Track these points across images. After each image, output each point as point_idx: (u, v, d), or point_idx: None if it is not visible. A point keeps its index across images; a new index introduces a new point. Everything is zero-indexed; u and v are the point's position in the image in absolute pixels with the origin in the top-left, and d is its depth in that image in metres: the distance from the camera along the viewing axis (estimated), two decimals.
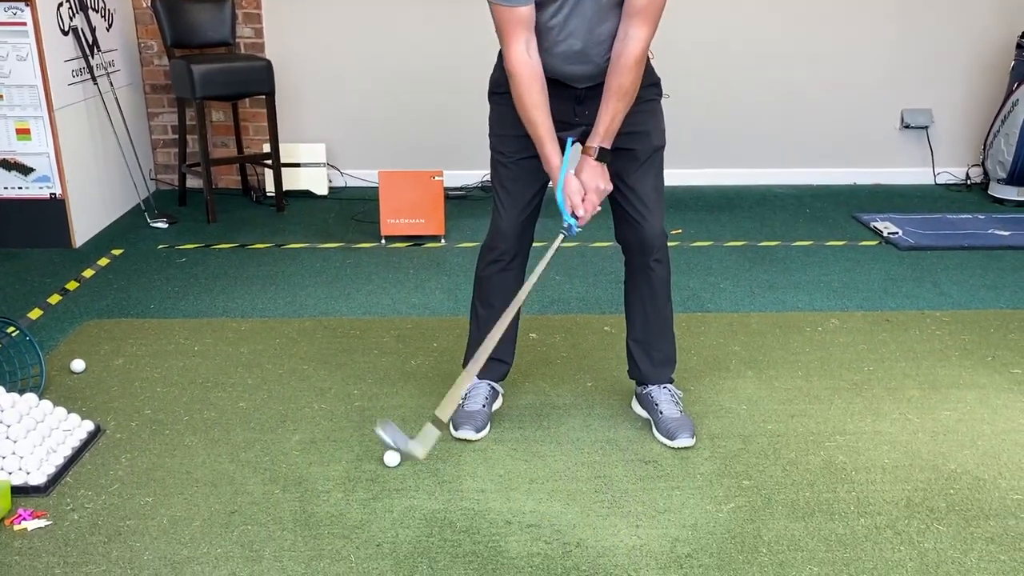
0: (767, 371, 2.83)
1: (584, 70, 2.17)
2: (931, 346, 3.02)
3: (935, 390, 2.71)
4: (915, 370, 2.84)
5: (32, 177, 3.81)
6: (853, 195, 4.99)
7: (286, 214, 4.54)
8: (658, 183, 2.32)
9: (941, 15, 4.93)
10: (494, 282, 2.43)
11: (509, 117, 2.26)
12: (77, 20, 3.96)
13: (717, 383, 2.74)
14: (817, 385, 2.74)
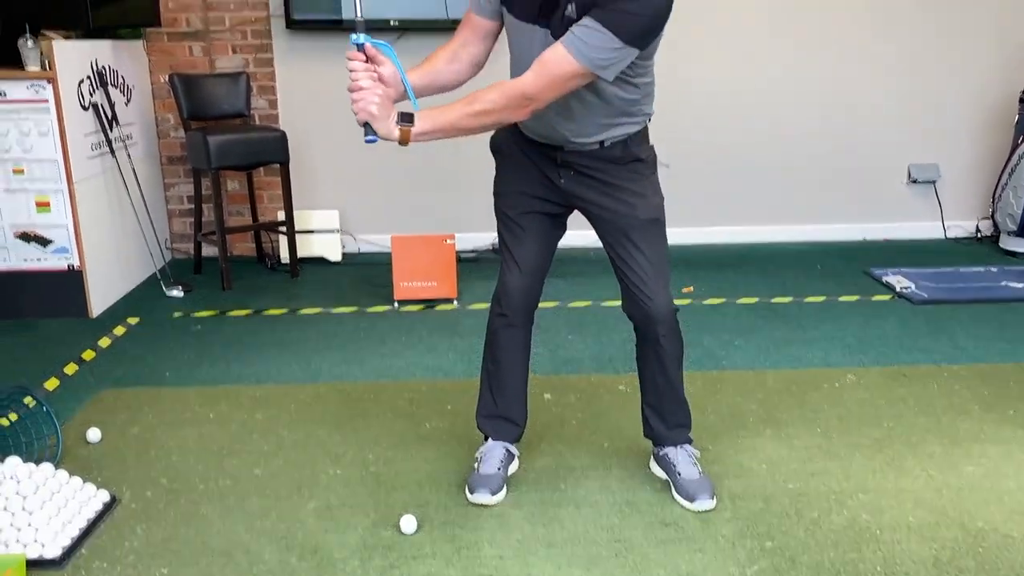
0: (786, 429, 2.80)
1: (541, 128, 2.17)
2: (950, 401, 2.99)
3: (957, 445, 2.67)
4: (935, 425, 2.81)
5: (51, 248, 3.87)
6: (864, 250, 5.00)
7: (300, 280, 4.58)
8: (655, 256, 2.25)
9: (944, 71, 5.01)
10: (500, 338, 2.43)
11: (510, 175, 2.30)
12: (97, 96, 4.06)
13: (736, 442, 2.71)
14: (837, 442, 2.71)
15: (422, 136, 1.99)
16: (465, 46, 2.17)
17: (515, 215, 2.32)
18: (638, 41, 1.93)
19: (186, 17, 4.68)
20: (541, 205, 2.30)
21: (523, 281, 2.35)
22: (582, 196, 2.25)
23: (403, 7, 4.62)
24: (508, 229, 2.34)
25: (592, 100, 2.08)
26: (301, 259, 4.74)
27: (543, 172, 2.26)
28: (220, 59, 4.76)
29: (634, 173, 2.22)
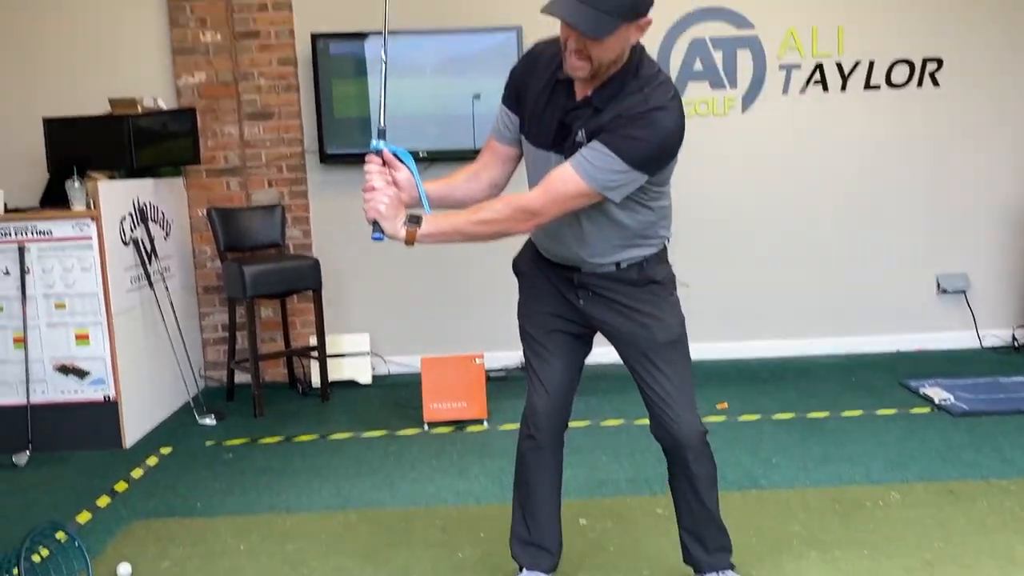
0: (831, 551, 2.70)
1: (557, 248, 2.22)
2: (1002, 518, 2.88)
3: (1015, 566, 2.56)
4: (989, 545, 2.69)
5: (88, 380, 3.94)
6: (898, 362, 4.93)
7: (331, 404, 4.60)
8: (678, 377, 2.21)
9: (966, 181, 5.06)
10: (530, 462, 2.39)
11: (532, 296, 2.33)
12: (138, 231, 4.22)
13: (779, 566, 2.62)
14: (886, 565, 2.60)
15: (427, 238, 2.03)
16: (486, 168, 2.25)
17: (539, 335, 2.33)
18: (646, 166, 1.98)
19: (224, 155, 4.90)
20: (564, 324, 2.32)
21: (550, 402, 2.33)
22: (600, 318, 2.26)
23: (432, 139, 4.81)
24: (532, 350, 2.35)
25: (605, 222, 2.12)
26: (332, 382, 4.77)
27: (563, 294, 2.29)
28: (256, 192, 4.95)
29: (651, 295, 2.23)
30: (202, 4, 4.78)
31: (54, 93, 4.80)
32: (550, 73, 2.09)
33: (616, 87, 2.01)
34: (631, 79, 2.01)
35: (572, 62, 1.96)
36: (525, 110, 2.16)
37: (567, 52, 1.96)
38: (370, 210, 2.03)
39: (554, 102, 2.09)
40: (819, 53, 4.97)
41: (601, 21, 1.84)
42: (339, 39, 4.78)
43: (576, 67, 1.96)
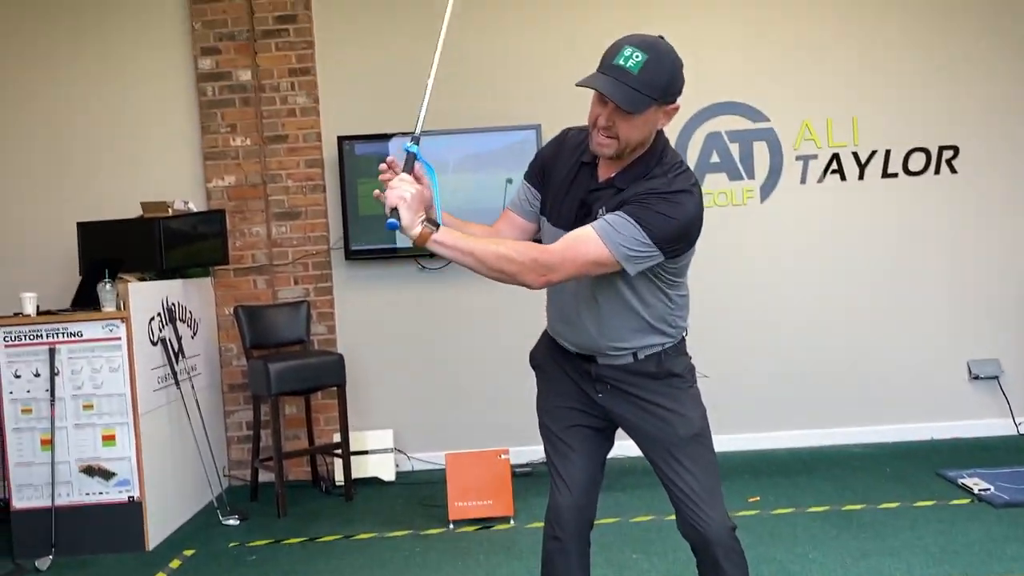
0: None
1: (574, 335, 2.19)
2: None
3: None
4: None
5: (113, 482, 3.93)
6: (933, 451, 4.82)
7: (355, 503, 4.54)
8: (703, 473, 2.15)
9: (990, 266, 5.05)
10: (555, 562, 2.31)
11: (551, 390, 2.30)
12: (166, 331, 4.28)
13: None
14: None
15: (440, 246, 1.96)
16: (501, 232, 2.26)
17: (559, 430, 2.28)
18: (666, 244, 1.98)
19: (252, 254, 5.00)
20: (584, 419, 2.28)
21: (574, 501, 2.27)
22: (619, 412, 2.23)
23: None
24: (553, 446, 2.30)
25: (622, 307, 2.11)
26: (356, 480, 4.72)
27: (581, 387, 2.26)
28: (282, 290, 5.02)
29: (671, 388, 2.19)
30: (232, 111, 4.97)
31: (89, 197, 4.96)
32: (576, 157, 2.14)
33: (640, 171, 2.05)
34: (655, 164, 2.05)
35: (599, 139, 2.00)
36: (548, 190, 2.20)
37: (595, 130, 2.01)
38: (393, 196, 1.95)
39: (577, 183, 2.13)
40: (835, 143, 5.05)
41: (635, 98, 1.91)
42: (363, 140, 4.93)
43: (603, 144, 2.00)
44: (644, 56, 1.92)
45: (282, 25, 4.96)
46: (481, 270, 1.98)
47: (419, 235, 1.95)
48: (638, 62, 1.91)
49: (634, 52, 1.92)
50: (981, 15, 5.01)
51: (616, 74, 1.92)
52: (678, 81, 1.99)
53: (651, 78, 1.92)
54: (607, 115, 1.97)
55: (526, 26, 5.03)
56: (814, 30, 5.03)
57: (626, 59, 1.92)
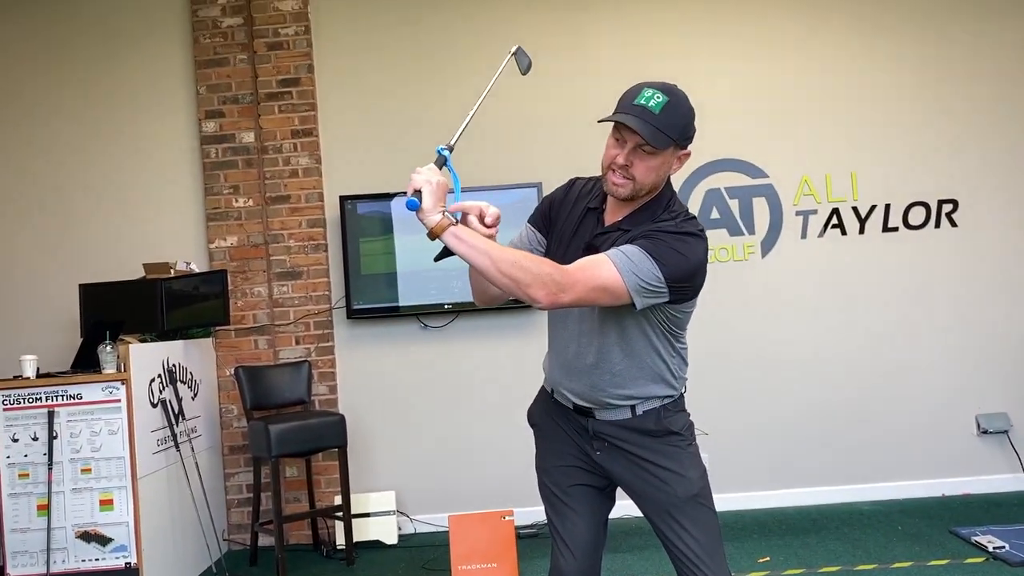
0: None
1: (573, 382, 2.17)
2: None
3: None
4: None
5: (110, 548, 3.85)
6: (944, 507, 4.73)
7: (356, 568, 4.44)
8: (704, 535, 2.11)
9: (995, 319, 5.03)
10: None
11: (549, 448, 2.27)
12: (166, 393, 4.24)
13: None
14: None
15: (455, 238, 1.90)
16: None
17: (560, 492, 2.24)
18: (675, 283, 1.97)
19: (253, 314, 4.99)
20: (585, 477, 2.24)
21: (577, 564, 2.21)
22: (617, 472, 2.19)
23: (456, 292, 4.89)
24: (554, 508, 2.26)
25: (629, 350, 2.09)
26: (357, 543, 4.63)
27: (579, 445, 2.23)
28: (284, 350, 5.00)
29: (669, 447, 2.15)
30: (235, 172, 5.02)
31: (92, 259, 4.99)
32: (584, 203, 2.17)
33: (647, 215, 2.08)
34: (662, 211, 2.09)
35: (615, 180, 2.03)
36: (553, 234, 2.21)
37: (610, 171, 2.04)
38: (418, 179, 1.91)
39: (583, 227, 2.15)
40: (834, 198, 5.08)
41: (657, 136, 1.96)
42: (366, 200, 4.96)
43: (619, 184, 2.03)
44: (665, 98, 1.98)
45: (285, 88, 5.04)
46: (491, 273, 1.89)
47: (437, 223, 1.90)
48: (659, 102, 1.97)
49: (655, 94, 1.98)
50: (977, 72, 5.08)
51: (638, 112, 1.97)
52: (692, 126, 2.05)
53: (671, 120, 1.98)
54: (625, 155, 2.01)
55: (529, 87, 5.10)
56: (811, 86, 5.10)
57: (647, 99, 1.97)
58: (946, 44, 5.09)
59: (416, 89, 5.11)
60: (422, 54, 5.12)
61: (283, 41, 5.04)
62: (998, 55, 5.09)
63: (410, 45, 5.13)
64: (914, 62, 5.09)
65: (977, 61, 5.08)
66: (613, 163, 2.03)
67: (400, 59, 5.13)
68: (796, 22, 5.12)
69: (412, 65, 5.12)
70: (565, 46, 5.10)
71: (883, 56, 5.09)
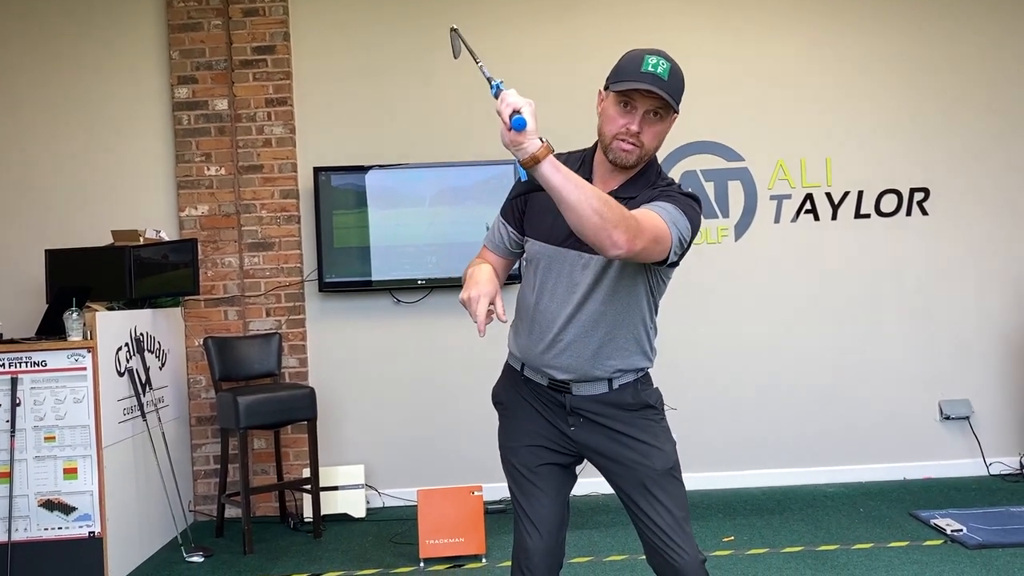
0: None
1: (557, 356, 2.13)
2: None
3: None
4: None
5: (73, 516, 3.81)
6: (906, 490, 4.82)
7: (323, 540, 4.44)
8: (677, 508, 2.14)
9: (962, 307, 5.11)
10: None
11: (517, 427, 2.25)
12: (134, 362, 4.19)
13: None
14: None
15: (554, 168, 1.80)
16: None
17: (527, 471, 2.23)
18: (686, 243, 2.03)
19: (223, 284, 4.93)
20: (553, 456, 2.23)
21: (544, 544, 2.21)
22: (594, 447, 2.20)
23: (430, 267, 4.87)
24: (520, 487, 2.24)
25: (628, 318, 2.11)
26: (325, 516, 4.62)
27: (551, 422, 2.22)
28: (254, 322, 4.95)
29: (646, 420, 2.18)
30: (208, 140, 4.94)
31: (59, 224, 4.90)
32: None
33: (643, 183, 2.09)
34: (656, 177, 2.12)
35: (623, 147, 2.03)
36: (534, 212, 2.15)
37: (617, 140, 2.03)
38: (517, 99, 1.84)
39: None
40: (808, 184, 5.11)
41: (673, 102, 2.01)
42: (340, 172, 4.90)
43: (627, 151, 2.03)
44: (668, 64, 2.01)
45: (260, 56, 4.95)
46: (582, 207, 1.79)
47: (540, 148, 1.80)
48: (665, 68, 1.99)
49: (659, 61, 2.00)
50: (951, 65, 5.12)
51: (651, 80, 1.97)
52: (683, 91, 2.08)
53: (677, 84, 2.02)
54: (638, 121, 2.01)
55: (507, 63, 5.06)
56: (788, 72, 5.11)
57: (654, 66, 1.99)
58: (921, 37, 5.12)
59: (393, 61, 5.05)
60: (400, 25, 5.06)
61: (259, 7, 4.95)
62: (972, 48, 5.13)
63: (388, 15, 5.06)
64: (890, 53, 5.11)
65: (951, 54, 5.12)
66: (624, 131, 2.03)
67: (378, 29, 5.06)
68: (776, 8, 5.12)
69: (390, 36, 5.06)
70: (546, 22, 5.07)
71: (860, 46, 5.11)
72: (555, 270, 2.12)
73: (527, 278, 2.22)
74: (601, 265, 2.07)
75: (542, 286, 2.16)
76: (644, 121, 2.03)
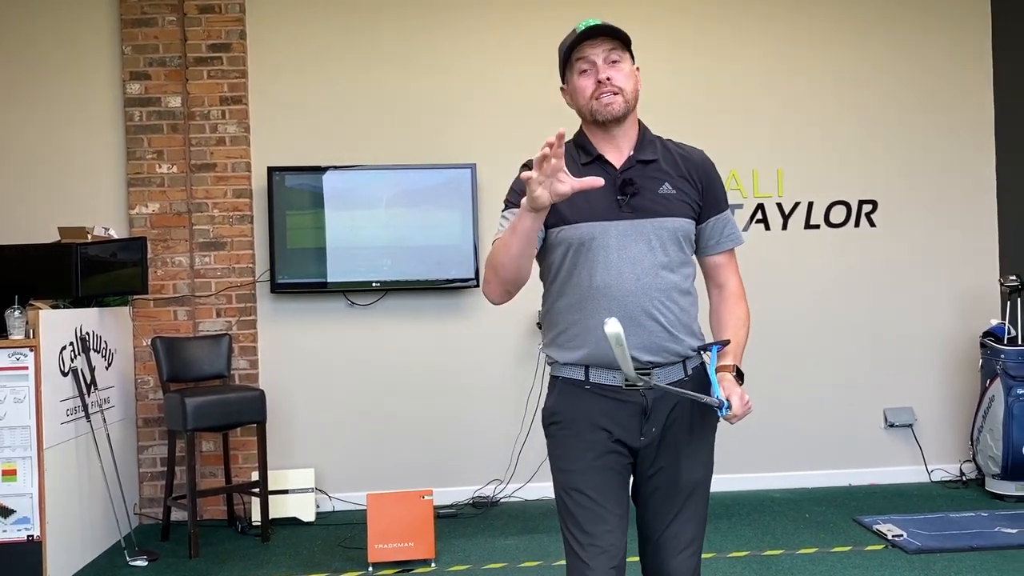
0: None
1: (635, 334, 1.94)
2: None
3: None
4: None
5: (11, 519, 3.71)
6: (851, 496, 4.91)
7: (271, 544, 4.38)
8: (701, 523, 2.08)
9: (908, 318, 5.22)
10: None
11: (580, 443, 1.99)
12: (78, 361, 4.10)
13: None
14: None
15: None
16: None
17: (599, 494, 1.97)
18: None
19: (173, 284, 4.86)
20: (621, 472, 2.03)
21: (618, 571, 1.97)
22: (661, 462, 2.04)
23: (385, 270, 4.85)
24: (586, 510, 1.96)
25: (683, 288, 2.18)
26: (273, 520, 4.57)
27: (618, 437, 2.00)
28: (204, 322, 4.88)
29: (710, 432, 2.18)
30: (160, 137, 4.86)
31: (3, 220, 4.77)
32: (575, 167, 1.98)
33: (649, 144, 2.12)
34: (652, 136, 2.15)
35: (605, 99, 2.01)
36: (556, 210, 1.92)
37: (595, 98, 2.02)
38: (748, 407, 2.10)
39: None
40: (760, 194, 5.19)
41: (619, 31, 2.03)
42: (295, 172, 4.86)
43: (611, 102, 2.01)
44: (601, 20, 2.04)
45: (215, 53, 4.89)
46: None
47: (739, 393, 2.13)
48: (600, 21, 2.03)
49: (591, 19, 2.04)
50: (898, 81, 5.24)
51: (592, 29, 2.01)
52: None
53: (617, 29, 2.04)
54: (604, 68, 2.02)
55: (466, 67, 5.07)
56: (743, 85, 5.19)
57: (587, 22, 2.02)
58: (870, 56, 5.24)
59: (351, 62, 5.03)
60: (358, 25, 5.03)
61: (215, 4, 4.89)
62: (919, 65, 5.26)
63: (347, 16, 5.04)
64: (840, 69, 5.22)
65: (898, 72, 5.24)
66: (597, 84, 2.02)
67: (336, 30, 5.03)
68: (731, 25, 5.20)
69: (348, 37, 5.03)
70: (502, 26, 5.08)
71: (810, 61, 5.21)
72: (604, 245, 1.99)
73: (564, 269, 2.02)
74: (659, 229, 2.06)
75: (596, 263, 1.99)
76: (609, 68, 2.02)
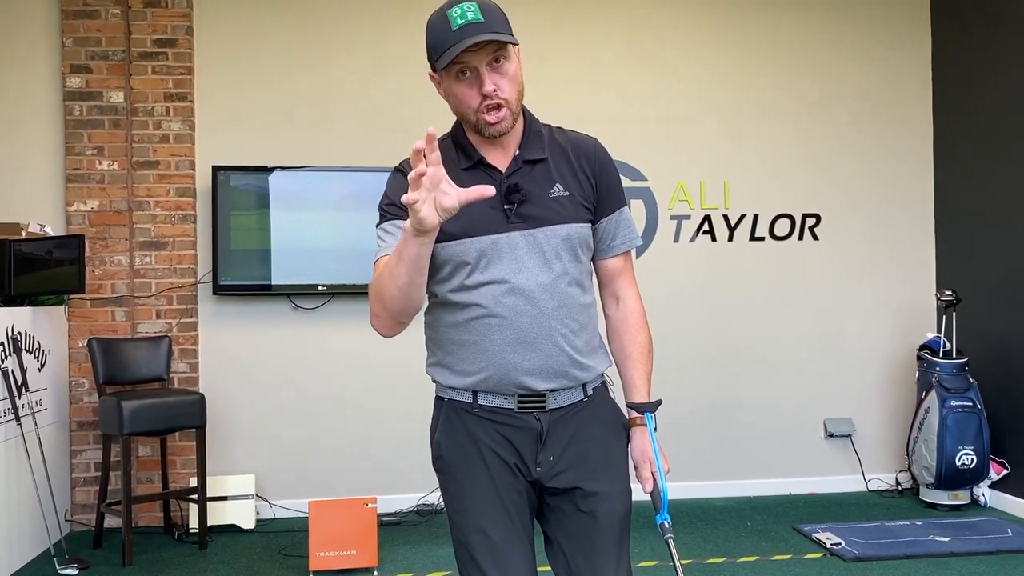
0: None
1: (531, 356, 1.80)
2: None
3: None
4: None
5: None
6: (791, 505, 4.99)
7: (209, 552, 4.28)
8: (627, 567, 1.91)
9: (848, 330, 5.33)
10: None
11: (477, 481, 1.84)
12: (9, 362, 3.96)
13: None
14: None
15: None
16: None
17: (498, 535, 1.81)
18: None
19: (112, 284, 4.73)
20: (524, 507, 1.88)
21: None
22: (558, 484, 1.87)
23: (331, 273, 4.79)
24: (491, 552, 1.80)
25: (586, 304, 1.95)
26: (212, 527, 4.47)
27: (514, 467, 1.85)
28: (143, 324, 4.76)
29: (622, 445, 1.96)
30: (101, 132, 4.73)
31: None
32: (454, 171, 1.79)
33: (536, 138, 1.89)
34: (539, 126, 1.92)
35: (491, 116, 1.78)
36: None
37: (482, 112, 1.77)
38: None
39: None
40: (707, 205, 5.25)
41: (502, 35, 1.74)
42: (241, 172, 4.77)
43: (498, 118, 1.78)
44: (474, 4, 1.73)
45: (160, 48, 4.78)
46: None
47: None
48: (475, 10, 1.73)
49: (463, 8, 1.73)
50: (845, 102, 5.36)
51: (469, 32, 1.71)
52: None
53: (495, 17, 1.75)
54: (486, 80, 1.75)
55: (394, 71, 5.04)
56: (691, 97, 5.25)
57: (463, 16, 1.72)
58: (813, 73, 5.33)
59: (300, 62, 4.96)
60: (307, 23, 4.97)
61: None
62: (862, 88, 5.38)
63: (296, 14, 4.97)
64: (786, 84, 5.32)
65: (843, 93, 5.35)
66: (482, 99, 1.77)
67: (285, 30, 4.96)
68: (682, 41, 5.26)
69: (296, 37, 4.96)
70: None
71: (758, 76, 5.30)
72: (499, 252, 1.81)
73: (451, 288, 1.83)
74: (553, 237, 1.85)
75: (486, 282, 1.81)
76: (491, 75, 1.76)
